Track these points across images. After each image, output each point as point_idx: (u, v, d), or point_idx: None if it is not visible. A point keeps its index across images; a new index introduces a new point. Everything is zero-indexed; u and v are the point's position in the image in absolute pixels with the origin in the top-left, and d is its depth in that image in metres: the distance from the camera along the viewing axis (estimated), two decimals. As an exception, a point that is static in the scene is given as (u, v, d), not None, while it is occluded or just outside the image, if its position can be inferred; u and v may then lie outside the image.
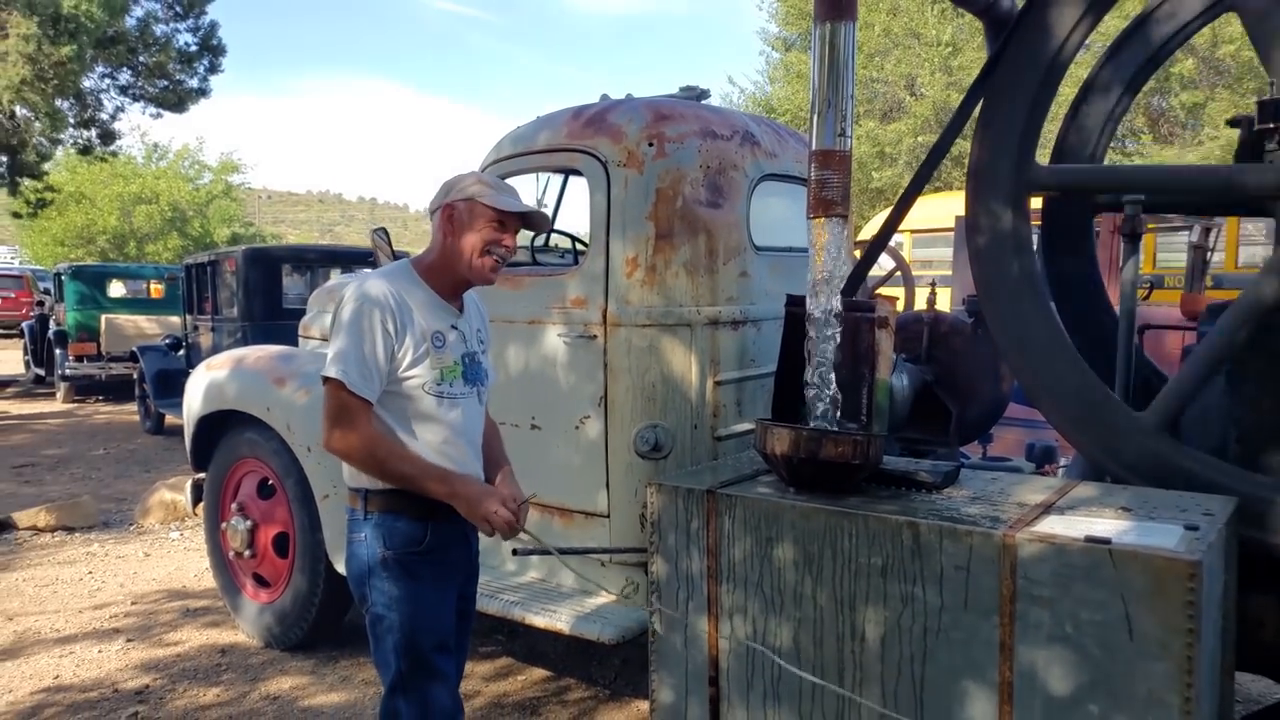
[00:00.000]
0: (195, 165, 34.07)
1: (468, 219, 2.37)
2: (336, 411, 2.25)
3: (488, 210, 2.36)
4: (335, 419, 2.26)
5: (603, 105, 3.55)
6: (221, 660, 4.37)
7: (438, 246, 2.42)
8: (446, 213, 2.39)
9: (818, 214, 2.62)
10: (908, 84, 20.46)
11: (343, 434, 2.25)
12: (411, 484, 2.29)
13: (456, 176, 2.46)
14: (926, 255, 11.63)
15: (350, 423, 2.25)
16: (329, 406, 2.27)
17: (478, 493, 2.32)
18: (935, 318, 3.69)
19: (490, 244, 2.38)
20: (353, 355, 2.23)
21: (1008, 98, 2.78)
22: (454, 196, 2.39)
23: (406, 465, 2.29)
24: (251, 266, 9.63)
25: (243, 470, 4.55)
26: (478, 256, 2.37)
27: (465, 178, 2.43)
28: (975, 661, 2.26)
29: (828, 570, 2.46)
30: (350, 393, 2.23)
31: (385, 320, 2.26)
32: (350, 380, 2.22)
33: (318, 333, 5.00)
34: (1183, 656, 2.01)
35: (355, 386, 2.23)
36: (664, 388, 3.35)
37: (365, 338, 2.24)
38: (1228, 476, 2.54)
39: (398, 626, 2.34)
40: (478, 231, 2.36)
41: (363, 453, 2.26)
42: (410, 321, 2.31)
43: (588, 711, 3.82)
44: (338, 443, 2.27)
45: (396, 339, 2.28)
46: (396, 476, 2.29)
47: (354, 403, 2.25)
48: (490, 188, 2.39)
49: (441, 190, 2.44)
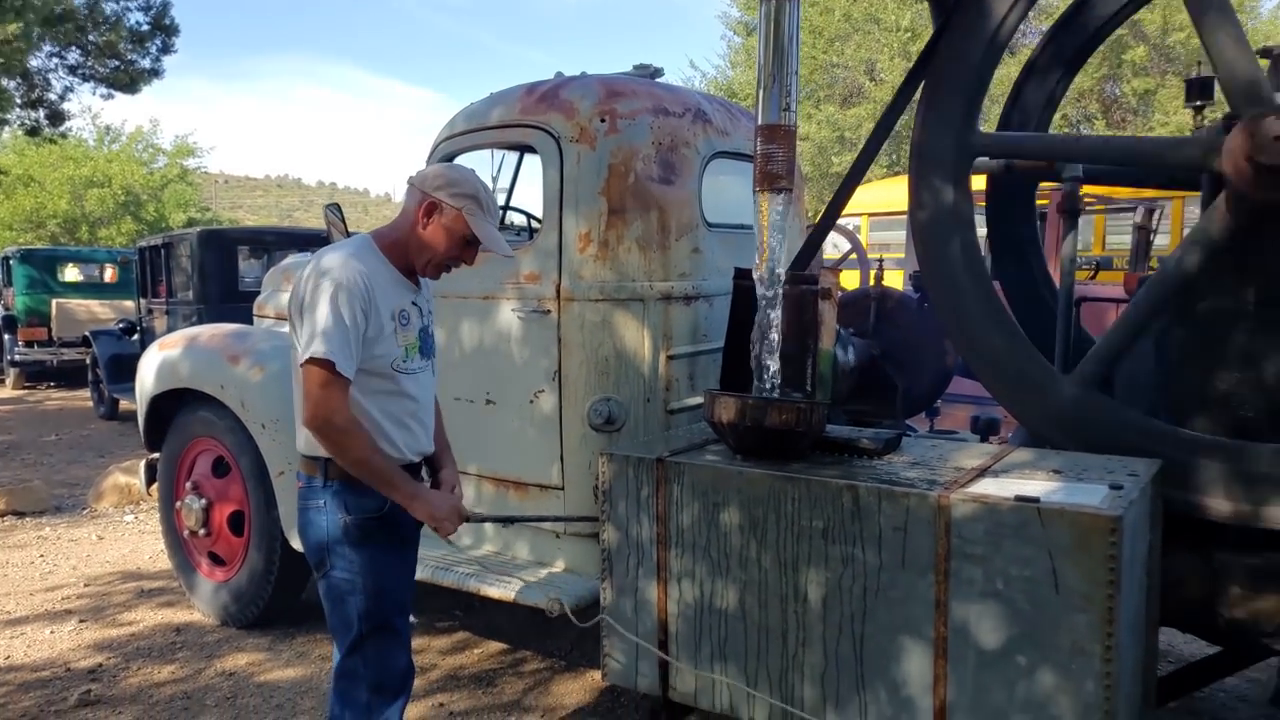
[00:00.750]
0: (149, 148, 33.40)
1: (445, 224, 2.38)
2: (323, 391, 2.25)
3: (467, 230, 2.38)
4: (321, 398, 2.25)
5: (556, 82, 3.58)
6: (176, 639, 4.37)
7: (406, 228, 2.42)
8: (430, 205, 2.37)
9: (763, 188, 2.68)
10: (867, 69, 20.61)
11: (327, 413, 2.25)
12: (377, 476, 2.30)
13: (458, 173, 2.44)
14: (883, 238, 11.77)
15: (336, 402, 2.25)
16: (313, 386, 2.25)
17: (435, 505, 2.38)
18: (882, 293, 3.78)
19: (452, 259, 2.44)
20: (336, 335, 2.24)
21: (949, 77, 2.85)
22: (446, 195, 2.37)
23: (378, 459, 2.31)
24: (207, 249, 9.52)
25: (197, 449, 4.53)
26: (434, 263, 2.43)
27: (466, 180, 2.41)
28: (912, 618, 2.34)
29: (772, 534, 2.53)
30: (337, 373, 2.24)
31: (360, 301, 2.27)
32: (337, 360, 2.24)
33: (272, 311, 4.97)
34: (1104, 608, 2.11)
35: (341, 367, 2.25)
36: (617, 362, 3.39)
37: (345, 318, 2.25)
38: (1153, 438, 2.64)
39: (360, 589, 2.38)
40: (447, 242, 2.39)
41: (342, 434, 2.27)
42: (379, 301, 2.33)
43: (543, 682, 3.88)
44: (323, 422, 2.26)
45: (369, 320, 2.30)
46: (366, 466, 2.30)
47: (339, 382, 2.26)
48: (480, 209, 2.39)
49: (438, 178, 2.40)
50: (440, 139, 3.77)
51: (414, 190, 2.42)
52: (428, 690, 3.79)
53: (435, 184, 2.38)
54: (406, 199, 2.45)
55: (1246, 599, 2.54)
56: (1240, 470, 2.49)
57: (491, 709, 3.64)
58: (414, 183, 2.43)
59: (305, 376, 2.27)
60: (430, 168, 2.52)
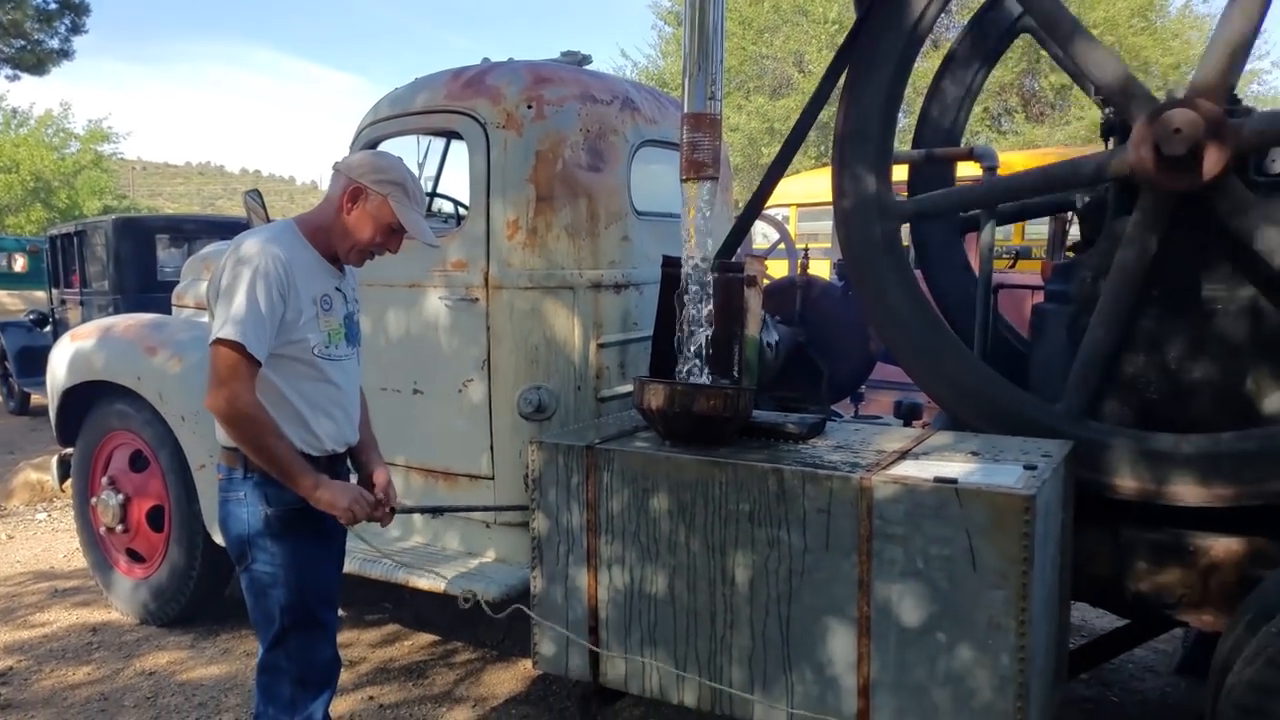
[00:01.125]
0: (60, 133, 32.09)
1: (372, 212, 2.33)
2: (229, 372, 2.19)
3: (392, 218, 2.34)
4: (226, 380, 2.19)
5: (482, 67, 3.55)
6: (93, 639, 4.23)
7: (330, 214, 2.37)
8: (354, 191, 2.33)
9: (689, 176, 2.70)
10: (796, 61, 20.83)
11: (232, 396, 2.19)
12: (278, 464, 2.25)
13: (386, 160, 2.40)
14: (812, 229, 11.91)
15: (241, 385, 2.20)
16: (220, 366, 2.19)
17: (337, 493, 2.32)
18: (808, 282, 3.84)
19: (376, 247, 2.40)
20: (249, 318, 2.19)
21: (870, 68, 2.90)
22: (371, 181, 2.32)
23: (281, 446, 2.25)
24: (123, 237, 9.21)
25: (113, 443, 4.39)
26: (358, 250, 2.39)
27: (392, 167, 2.36)
28: (836, 599, 2.39)
29: (700, 518, 2.56)
30: (247, 355, 2.19)
31: (277, 285, 2.22)
32: (248, 343, 2.18)
33: (192, 301, 4.84)
34: (1019, 585, 2.18)
35: (252, 349, 2.19)
36: (547, 350, 3.39)
37: (260, 302, 2.20)
38: (1064, 421, 2.74)
39: (282, 582, 2.34)
40: (371, 229, 2.35)
41: (247, 419, 2.21)
42: (299, 286, 2.28)
43: (475, 673, 3.87)
44: (226, 404, 2.20)
45: (287, 304, 2.25)
46: (268, 453, 2.24)
47: (246, 366, 2.20)
48: (406, 197, 2.35)
49: (364, 164, 2.35)
50: (364, 124, 3.70)
51: (339, 176, 2.37)
52: (357, 684, 3.74)
53: (360, 170, 2.34)
54: (331, 184, 2.40)
55: (1151, 573, 2.65)
56: (1144, 450, 2.60)
57: (422, 700, 3.62)
58: (339, 168, 2.39)
59: (213, 357, 2.21)
60: (356, 154, 2.48)
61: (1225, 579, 2.56)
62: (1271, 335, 2.59)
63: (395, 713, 3.53)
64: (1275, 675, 2.07)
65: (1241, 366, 2.62)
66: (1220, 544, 2.58)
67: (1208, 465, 2.55)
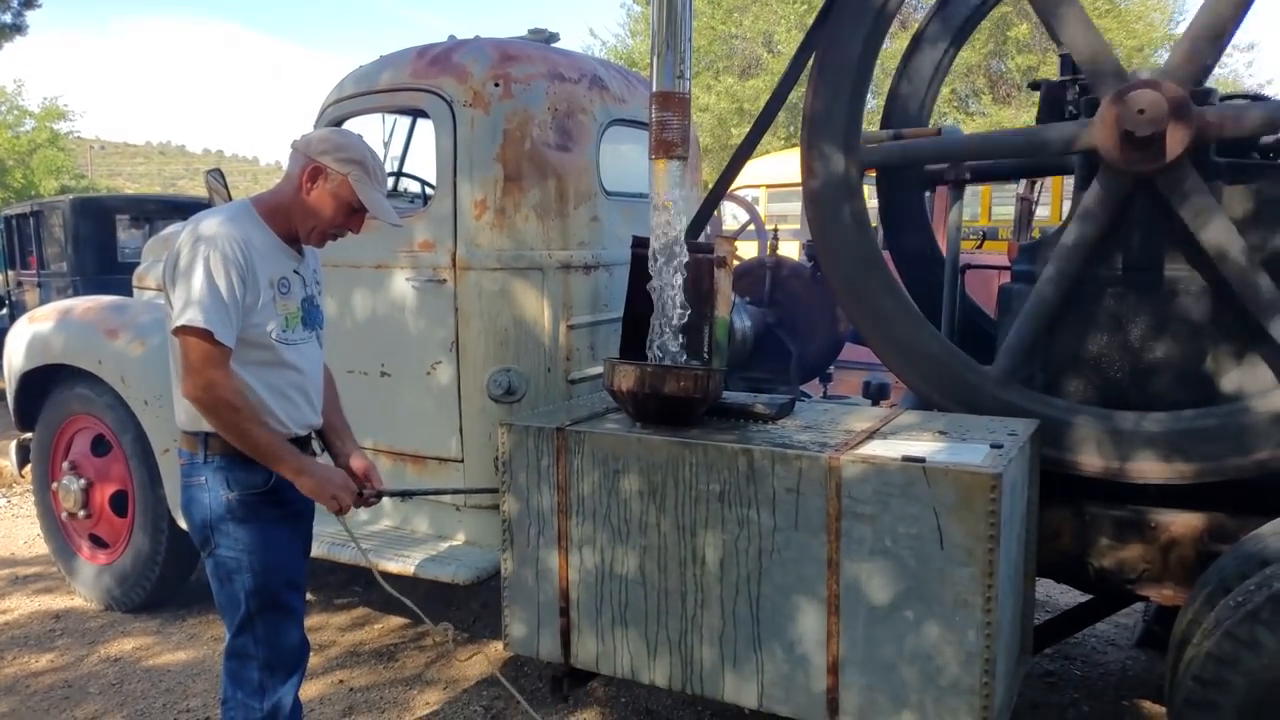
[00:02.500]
0: (14, 111, 31.31)
1: (332, 190, 2.29)
2: (202, 361, 2.15)
3: (353, 197, 2.30)
4: (200, 368, 2.15)
5: (448, 45, 3.50)
6: (55, 626, 4.18)
7: (289, 194, 2.32)
8: (314, 170, 2.28)
9: (658, 155, 2.68)
10: (765, 41, 20.79)
11: (208, 384, 2.16)
12: (261, 450, 2.23)
13: (345, 138, 2.34)
14: (782, 210, 11.93)
15: (216, 372, 2.16)
16: (192, 356, 2.16)
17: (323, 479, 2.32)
18: (777, 263, 3.84)
19: (337, 227, 2.36)
20: (211, 303, 2.14)
21: (838, 47, 2.90)
22: (331, 160, 2.27)
23: (262, 432, 2.23)
24: (82, 217, 9.03)
25: (74, 427, 4.32)
26: (319, 231, 2.35)
27: (352, 145, 2.31)
28: (806, 578, 2.41)
29: (670, 499, 2.56)
30: (216, 342, 2.15)
31: (237, 267, 2.18)
32: (216, 329, 2.14)
33: (153, 282, 4.75)
34: (985, 562, 2.21)
35: (220, 335, 2.16)
36: (516, 332, 3.37)
37: (221, 285, 2.16)
38: (1031, 400, 2.77)
39: (247, 567, 2.32)
40: (332, 209, 2.31)
41: (226, 406, 2.18)
42: (256, 268, 2.24)
43: (445, 655, 3.86)
44: (204, 392, 2.16)
45: (246, 287, 2.21)
46: (249, 439, 2.22)
47: (218, 352, 2.16)
48: (366, 175, 2.30)
49: (323, 142, 2.31)
50: (328, 102, 3.64)
51: (298, 154, 2.33)
52: (328, 667, 3.72)
53: (320, 148, 2.29)
54: (290, 163, 2.35)
55: (1113, 549, 2.69)
56: (1109, 429, 2.64)
57: (393, 683, 3.61)
58: (298, 146, 2.34)
59: (182, 347, 2.17)
60: (315, 131, 2.43)
61: (1184, 554, 2.61)
62: (1228, 316, 2.63)
63: (366, 695, 3.52)
64: (1232, 647, 2.12)
65: (1203, 345, 2.67)
66: (1180, 520, 2.63)
67: (1169, 443, 2.60)
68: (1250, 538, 2.41)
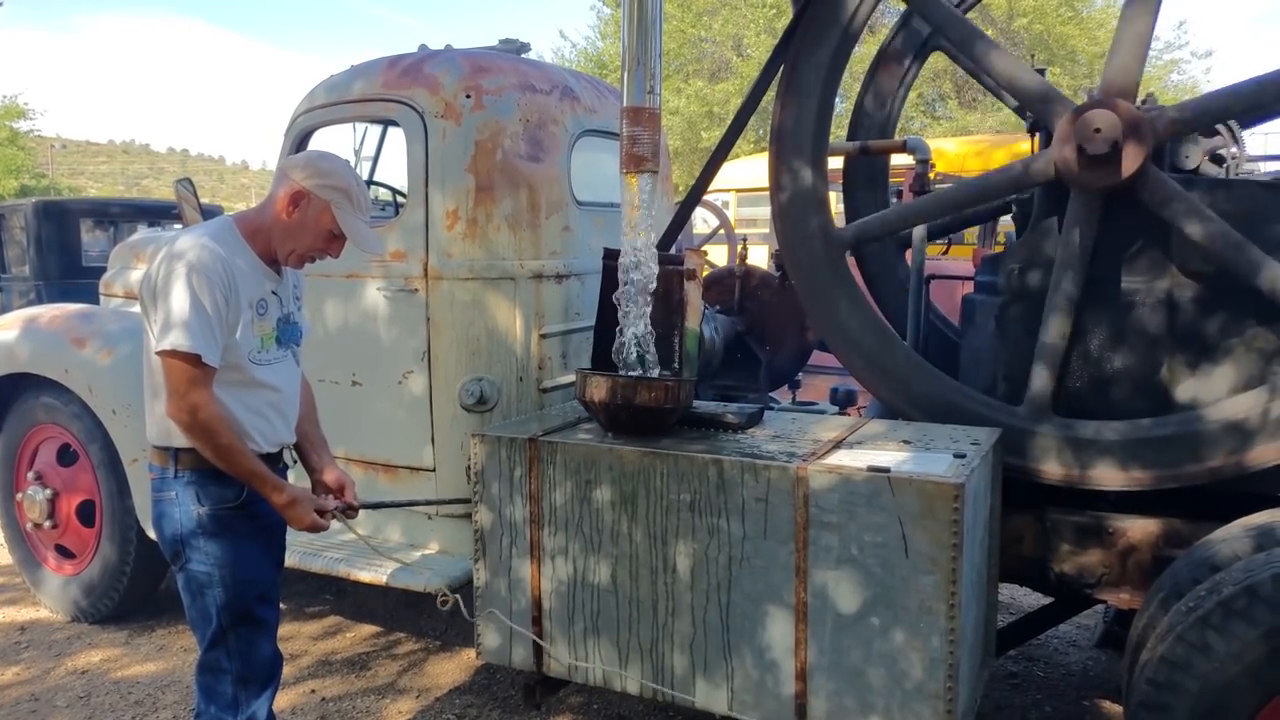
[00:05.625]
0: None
1: (311, 215, 2.29)
2: (186, 384, 2.16)
3: (334, 224, 2.31)
4: (185, 391, 2.16)
5: (419, 55, 3.51)
6: (21, 638, 4.13)
7: (270, 216, 2.32)
8: (297, 195, 2.28)
9: (629, 170, 2.72)
10: (735, 44, 20.90)
11: (192, 407, 2.16)
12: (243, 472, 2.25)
13: (331, 163, 2.34)
14: (752, 214, 12.01)
15: (202, 396, 2.17)
16: (176, 378, 2.16)
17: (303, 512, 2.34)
18: (746, 272, 3.89)
19: (316, 252, 2.37)
20: (197, 324, 2.15)
21: (806, 62, 2.95)
22: (314, 186, 2.27)
23: (246, 454, 2.25)
24: (45, 220, 8.90)
25: (40, 437, 4.27)
26: (297, 255, 2.36)
27: (336, 172, 2.31)
28: (774, 586, 2.46)
29: (642, 508, 2.60)
30: (202, 364, 2.16)
31: (221, 287, 2.19)
32: (203, 352, 2.15)
33: (121, 290, 4.71)
34: (949, 569, 2.26)
35: (207, 358, 2.16)
36: (488, 341, 3.38)
37: (206, 305, 2.17)
38: (992, 409, 2.84)
39: (219, 581, 2.32)
40: (312, 233, 2.31)
41: (210, 431, 2.19)
42: (238, 290, 2.25)
43: (418, 664, 3.87)
44: (189, 416, 2.17)
45: (229, 307, 2.22)
46: (232, 461, 2.23)
47: (202, 374, 2.17)
48: (349, 202, 2.30)
49: (309, 166, 2.31)
50: (299, 111, 3.64)
51: (283, 177, 2.33)
52: (299, 677, 3.72)
53: (305, 173, 2.29)
54: (274, 184, 2.37)
55: (1073, 554, 2.76)
56: (1069, 438, 2.71)
57: (365, 693, 3.61)
58: (282, 168, 2.36)
59: (167, 370, 2.18)
60: (302, 154, 2.44)
61: (1141, 559, 2.69)
62: (1187, 325, 2.70)
63: (338, 705, 3.52)
64: (1186, 651, 2.19)
65: (1159, 355, 2.74)
66: (1137, 525, 2.70)
67: (1127, 450, 2.67)
68: (1202, 544, 2.49)
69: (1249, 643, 2.12)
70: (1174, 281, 2.70)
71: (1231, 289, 2.59)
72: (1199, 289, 2.67)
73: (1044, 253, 2.83)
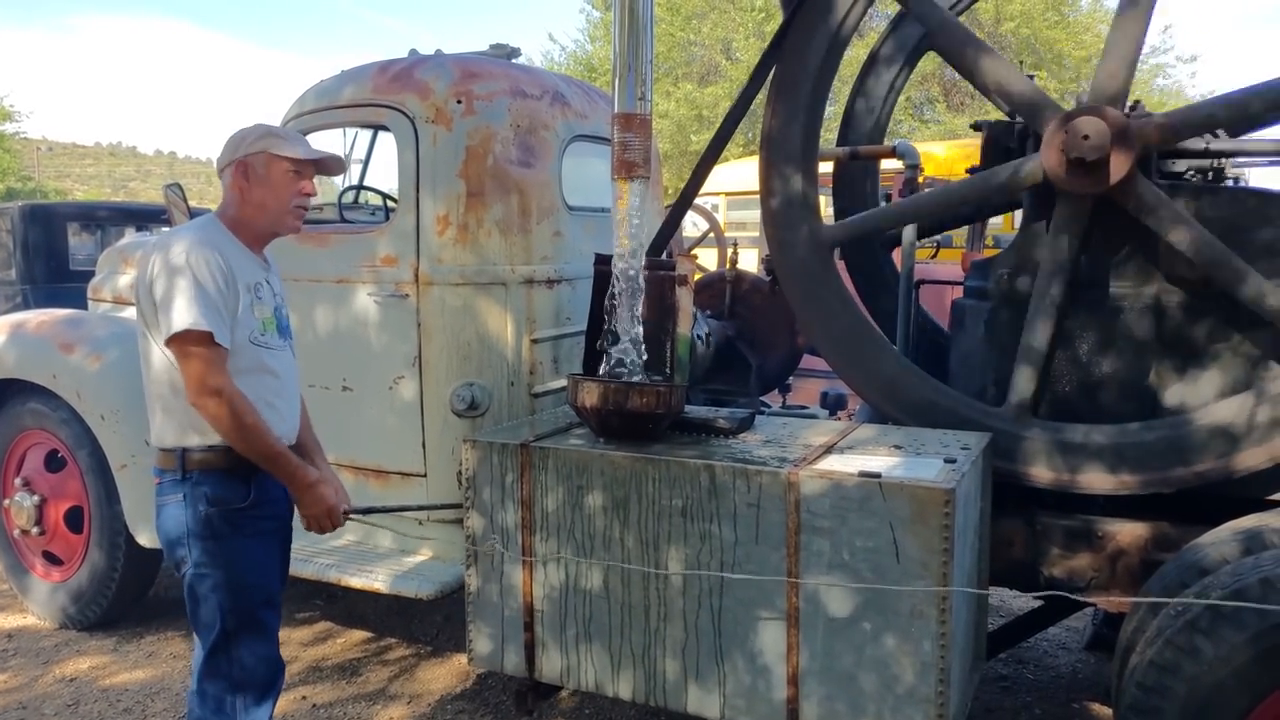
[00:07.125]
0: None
1: (264, 172, 2.34)
2: (205, 367, 2.18)
3: (283, 161, 2.35)
4: (204, 374, 2.18)
5: (410, 61, 3.51)
6: (8, 645, 4.10)
7: (236, 202, 2.38)
8: (240, 169, 2.35)
9: (621, 176, 2.72)
10: (724, 48, 20.94)
11: (217, 388, 2.18)
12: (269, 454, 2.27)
13: (240, 131, 2.42)
14: (741, 218, 12.04)
15: (220, 376, 2.20)
16: (196, 364, 2.18)
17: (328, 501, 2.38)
18: (737, 276, 3.90)
19: (297, 196, 2.39)
20: (204, 304, 2.18)
21: (795, 68, 2.96)
22: (245, 151, 2.34)
23: (270, 439, 2.27)
24: (32, 224, 8.84)
25: (27, 443, 4.25)
26: (285, 209, 2.38)
27: (250, 131, 2.39)
28: (766, 591, 2.46)
29: (634, 514, 2.60)
30: (214, 343, 2.19)
31: (220, 271, 2.24)
32: (215, 329, 2.18)
33: (109, 295, 4.69)
34: (940, 574, 2.27)
35: (219, 336, 2.19)
36: (480, 346, 3.38)
37: (209, 286, 2.21)
38: (981, 413, 2.85)
39: (224, 585, 2.32)
40: (278, 183, 2.35)
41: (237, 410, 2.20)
42: (234, 273, 2.29)
43: (409, 669, 3.86)
44: (213, 396, 2.18)
45: (229, 289, 2.26)
46: (260, 442, 2.25)
47: (218, 355, 2.21)
48: (280, 138, 2.37)
49: (228, 147, 2.39)
50: (289, 116, 3.63)
51: (222, 174, 2.41)
52: (289, 683, 3.69)
53: (230, 150, 2.38)
54: (223, 183, 2.42)
55: (1063, 558, 2.78)
56: (1057, 441, 2.73)
57: (357, 699, 3.60)
58: (218, 169, 2.43)
59: (182, 361, 2.20)
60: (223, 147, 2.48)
61: (1130, 563, 2.71)
62: (1174, 330, 2.73)
63: (329, 712, 3.51)
64: (1173, 655, 2.20)
65: (1147, 360, 2.76)
66: (1126, 529, 2.72)
67: (1116, 455, 2.69)
68: (1190, 547, 2.51)
69: (1237, 646, 2.14)
70: (1161, 287, 2.72)
71: (1218, 295, 2.61)
72: (1185, 295, 2.69)
73: (1033, 258, 2.85)
